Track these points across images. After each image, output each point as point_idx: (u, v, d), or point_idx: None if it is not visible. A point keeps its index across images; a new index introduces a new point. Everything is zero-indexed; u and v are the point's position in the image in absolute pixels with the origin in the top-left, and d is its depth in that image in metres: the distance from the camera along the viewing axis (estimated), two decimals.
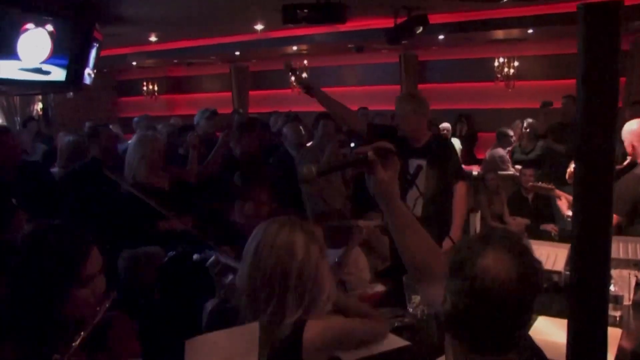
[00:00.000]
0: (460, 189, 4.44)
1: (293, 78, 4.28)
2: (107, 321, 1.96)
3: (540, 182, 5.17)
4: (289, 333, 1.91)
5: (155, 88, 15.05)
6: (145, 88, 15.02)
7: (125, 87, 16.09)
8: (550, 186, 4.74)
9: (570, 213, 4.32)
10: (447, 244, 3.96)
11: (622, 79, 9.36)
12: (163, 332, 3.08)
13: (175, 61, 13.91)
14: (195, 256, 2.86)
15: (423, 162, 4.23)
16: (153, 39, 10.63)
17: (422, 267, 1.77)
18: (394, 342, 2.71)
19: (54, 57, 6.22)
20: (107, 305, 1.93)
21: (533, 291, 1.43)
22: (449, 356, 1.54)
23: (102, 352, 1.94)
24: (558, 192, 4.56)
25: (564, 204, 4.49)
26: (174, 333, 2.83)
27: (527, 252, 1.45)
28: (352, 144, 6.44)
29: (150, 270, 3.74)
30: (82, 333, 1.84)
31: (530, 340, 1.64)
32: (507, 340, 1.44)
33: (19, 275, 1.90)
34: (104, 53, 8.06)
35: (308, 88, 4.31)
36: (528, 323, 1.48)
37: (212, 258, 2.69)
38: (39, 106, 13.27)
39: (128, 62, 13.30)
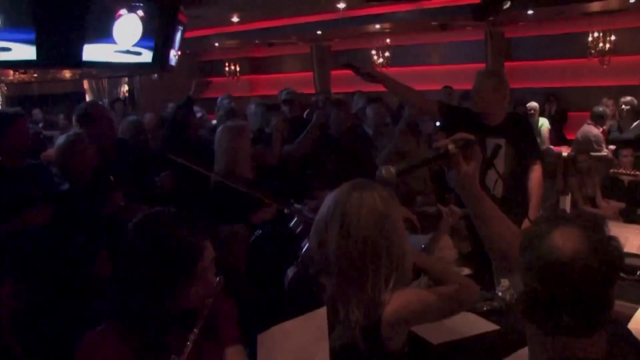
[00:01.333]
0: (536, 170, 4.34)
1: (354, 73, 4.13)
2: (214, 309, 1.92)
3: (622, 169, 5.03)
4: (370, 306, 1.90)
5: (237, 69, 15.30)
6: (227, 69, 15.29)
7: (207, 68, 16.41)
8: (634, 172, 4.57)
9: None
10: (526, 225, 3.88)
11: None
12: (253, 311, 3.17)
13: (257, 41, 14.07)
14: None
15: (502, 141, 4.13)
16: (235, 19, 10.80)
17: (508, 255, 1.73)
18: (482, 325, 2.70)
19: (143, 39, 6.46)
20: (216, 295, 1.91)
21: (608, 266, 1.35)
22: (530, 342, 1.52)
23: (210, 341, 1.93)
24: None
25: None
26: (264, 311, 2.94)
27: (599, 229, 1.39)
28: (437, 123, 6.36)
29: (238, 249, 3.84)
30: (195, 330, 1.83)
31: (622, 328, 1.57)
32: (584, 321, 1.38)
33: (131, 266, 1.84)
34: (187, 35, 8.27)
35: (372, 78, 4.25)
36: (607, 303, 1.39)
37: (295, 219, 2.73)
38: (125, 88, 13.78)
39: (210, 43, 13.57)
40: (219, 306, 1.95)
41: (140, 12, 6.26)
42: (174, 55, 7.66)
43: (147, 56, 6.69)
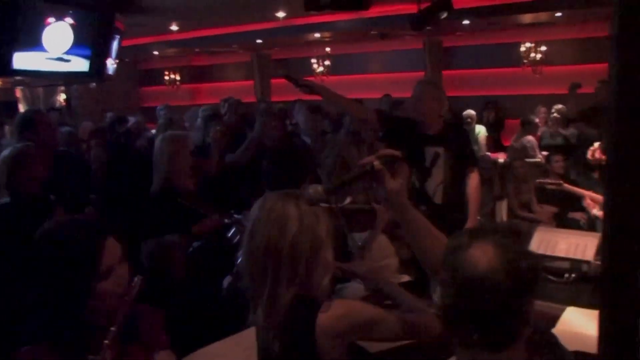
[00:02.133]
0: (474, 177, 4.41)
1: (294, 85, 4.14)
2: (136, 313, 1.94)
3: (547, 179, 5.24)
4: (303, 314, 1.84)
5: (177, 77, 15.13)
6: (167, 77, 15.09)
7: (147, 77, 16.20)
8: (557, 181, 4.76)
9: (598, 213, 4.31)
10: None
11: None
12: (189, 321, 3.11)
13: (197, 50, 13.95)
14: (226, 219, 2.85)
15: (440, 150, 4.25)
16: (174, 28, 10.70)
17: (439, 268, 1.74)
18: None
19: (76, 47, 6.30)
20: (134, 293, 1.90)
21: (520, 283, 1.37)
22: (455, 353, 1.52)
23: (134, 345, 1.93)
24: (567, 186, 4.55)
25: (591, 204, 4.48)
26: (201, 320, 2.88)
27: (515, 245, 1.41)
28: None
29: (174, 260, 3.76)
30: (112, 328, 1.81)
31: (546, 336, 1.59)
32: (497, 336, 1.40)
33: (39, 275, 1.87)
34: (126, 43, 8.12)
35: (311, 89, 4.25)
36: (522, 318, 1.41)
37: (233, 229, 2.69)
38: (62, 97, 13.44)
39: (150, 52, 13.37)
40: (145, 311, 1.99)
41: (70, 20, 6.10)
42: (111, 64, 7.50)
43: (82, 64, 6.53)
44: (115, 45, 7.36)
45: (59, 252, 1.83)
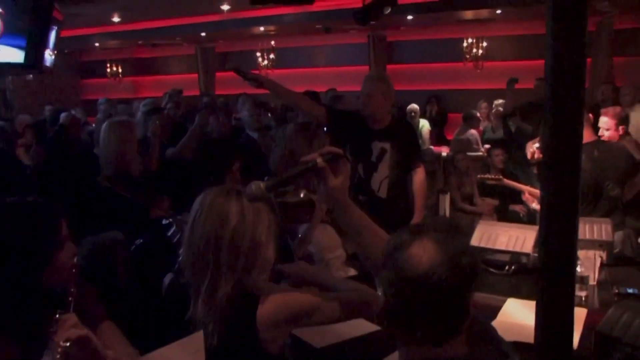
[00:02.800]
0: (420, 173, 4.45)
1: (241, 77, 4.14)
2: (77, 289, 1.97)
3: (487, 174, 5.36)
4: (242, 307, 1.85)
5: (120, 70, 14.82)
6: (109, 70, 14.77)
7: (88, 69, 15.81)
8: (497, 177, 4.87)
9: (537, 206, 4.43)
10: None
11: (588, 60, 9.47)
12: (131, 320, 3.04)
13: (140, 42, 13.71)
14: (163, 220, 2.81)
15: (387, 145, 4.31)
16: (116, 19, 10.47)
17: (380, 265, 1.76)
18: (365, 327, 2.70)
19: (8, 37, 6.07)
20: (77, 273, 1.96)
21: (461, 278, 1.40)
22: (398, 349, 1.53)
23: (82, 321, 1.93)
24: (506, 181, 4.66)
25: (530, 199, 4.58)
26: (142, 319, 2.82)
27: (456, 239, 1.43)
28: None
29: (113, 258, 3.68)
30: (72, 290, 1.88)
31: (485, 327, 1.61)
32: (440, 331, 1.42)
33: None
34: (65, 34, 7.91)
35: (258, 83, 4.24)
36: (463, 312, 1.44)
37: (173, 228, 2.65)
38: None
39: (91, 43, 13.06)
40: (81, 288, 2.00)
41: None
42: (49, 55, 7.28)
43: (17, 55, 6.30)
44: (53, 35, 7.15)
45: (20, 224, 1.91)
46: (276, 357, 1.88)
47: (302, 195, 2.98)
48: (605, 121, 4.70)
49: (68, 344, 1.71)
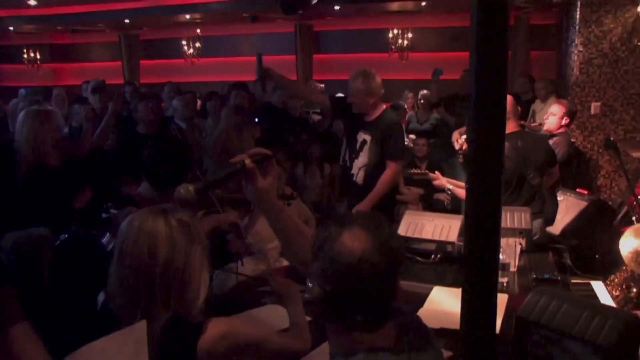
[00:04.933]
0: (390, 169, 4.68)
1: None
2: None
3: (414, 170, 5.58)
4: (181, 337, 1.82)
5: (38, 56, 14.24)
6: (25, 56, 14.17)
7: (3, 54, 15.12)
8: (424, 172, 5.09)
9: (449, 186, 4.54)
10: None
11: (553, 53, 9.75)
12: (55, 322, 2.95)
13: (59, 28, 13.22)
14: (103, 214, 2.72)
15: (368, 137, 4.71)
16: (32, 2, 10.06)
17: (306, 262, 1.76)
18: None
19: None
20: None
21: (392, 261, 1.46)
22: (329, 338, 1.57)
23: None
24: (432, 175, 4.83)
25: (442, 180, 4.70)
26: (68, 321, 2.73)
27: (382, 226, 1.48)
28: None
29: (39, 255, 3.55)
30: None
31: (412, 316, 1.66)
32: (375, 315, 1.47)
33: None
34: None
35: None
36: (393, 294, 1.50)
37: (107, 235, 2.58)
38: None
39: (4, 27, 12.50)
40: None
41: None
42: None
43: None
44: None
45: None
46: None
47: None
48: (557, 107, 4.98)
49: None
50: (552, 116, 5.15)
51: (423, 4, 9.84)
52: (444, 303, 2.68)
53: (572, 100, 7.12)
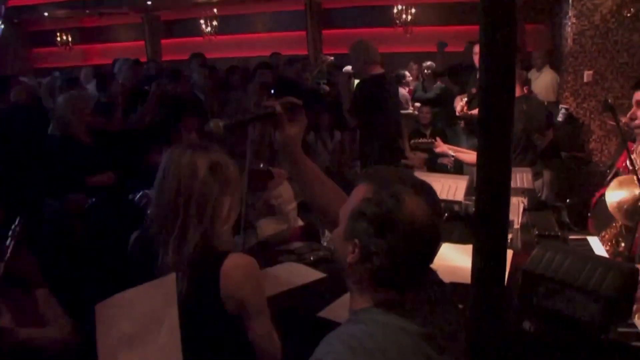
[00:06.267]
0: None
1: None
2: (14, 258, 1.96)
3: (421, 139, 5.49)
4: (208, 260, 1.80)
5: (69, 39, 14.20)
6: (59, 39, 14.14)
7: (39, 38, 15.08)
8: (430, 140, 4.97)
9: (452, 153, 4.46)
10: None
11: (543, 26, 9.60)
12: (90, 278, 2.97)
13: (88, 12, 13.15)
14: (130, 196, 2.72)
15: None
16: None
17: (328, 212, 1.71)
18: (311, 274, 2.69)
19: None
20: (15, 239, 1.92)
21: (441, 222, 1.41)
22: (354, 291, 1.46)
23: (14, 286, 1.95)
24: (438, 142, 4.66)
25: (444, 147, 4.58)
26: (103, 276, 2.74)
27: (431, 189, 1.42)
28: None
29: (75, 216, 3.59)
30: None
31: (434, 275, 1.60)
32: (426, 274, 1.43)
33: None
34: (13, 3, 7.49)
35: None
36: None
37: (140, 192, 2.57)
38: None
39: (40, 13, 12.46)
40: (20, 257, 1.99)
41: None
42: None
43: None
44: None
45: None
46: (232, 317, 1.81)
47: (261, 165, 2.95)
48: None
49: None
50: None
51: None
52: (452, 259, 2.64)
53: (566, 69, 7.02)
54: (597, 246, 2.93)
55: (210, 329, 1.79)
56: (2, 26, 7.09)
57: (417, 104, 7.95)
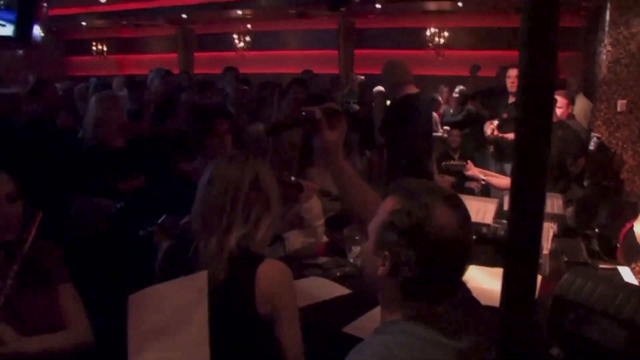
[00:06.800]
0: None
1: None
2: (37, 248, 1.98)
3: (452, 161, 5.45)
4: (246, 261, 1.81)
5: (104, 48, 14.50)
6: (94, 48, 14.45)
7: (75, 47, 15.43)
8: (461, 163, 4.93)
9: (482, 177, 4.42)
10: None
11: (575, 53, 9.61)
12: (111, 280, 2.98)
13: (124, 22, 13.42)
14: (140, 232, 2.71)
15: None
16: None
17: (366, 219, 1.72)
18: (337, 290, 2.69)
19: (4, 11, 5.90)
20: (33, 230, 1.93)
21: (471, 233, 1.45)
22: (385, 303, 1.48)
23: (36, 278, 1.96)
24: (470, 167, 4.62)
25: (475, 171, 4.53)
26: (124, 281, 2.75)
27: (463, 205, 1.43)
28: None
29: (99, 220, 3.62)
30: (14, 267, 1.84)
31: (466, 291, 1.60)
32: (457, 286, 1.44)
33: None
34: (53, 13, 7.69)
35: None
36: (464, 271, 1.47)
37: (164, 216, 2.57)
38: None
39: (78, 22, 12.75)
40: (45, 246, 2.04)
41: None
42: (38, 30, 7.04)
43: (7, 30, 6.11)
44: (42, 11, 6.93)
45: None
46: (263, 320, 1.81)
47: (292, 179, 2.97)
48: (559, 100, 4.83)
49: None
50: (558, 109, 4.95)
51: (459, 4, 9.71)
52: (480, 281, 2.62)
53: (599, 97, 6.96)
54: (629, 276, 2.88)
55: (240, 329, 1.79)
56: (41, 33, 7.24)
57: (447, 127, 7.93)
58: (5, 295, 1.78)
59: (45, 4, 7.04)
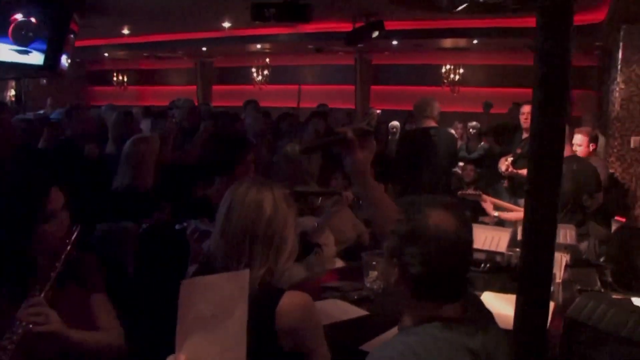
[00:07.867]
0: None
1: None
2: (77, 257, 2.05)
3: (468, 190, 5.49)
4: (267, 296, 1.83)
5: (125, 79, 14.79)
6: (115, 79, 14.74)
7: (96, 77, 15.75)
8: (477, 192, 4.98)
9: (495, 213, 4.50)
10: None
11: (593, 92, 9.72)
12: (138, 306, 3.02)
13: (145, 54, 13.69)
14: (177, 226, 2.79)
15: None
16: (125, 31, 10.45)
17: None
18: (353, 311, 2.75)
19: (35, 41, 6.15)
20: (74, 237, 2.00)
21: (471, 233, 1.53)
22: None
23: (73, 283, 2.03)
24: (484, 196, 4.70)
25: (489, 206, 4.64)
26: (150, 305, 2.81)
27: (460, 208, 1.54)
28: None
29: (125, 244, 3.68)
30: (57, 264, 1.92)
31: (475, 296, 1.71)
32: (461, 285, 1.53)
33: None
34: (77, 44, 7.90)
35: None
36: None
37: (192, 226, 2.65)
38: (11, 93, 12.89)
39: (101, 53, 13.02)
40: (83, 257, 2.12)
41: (33, 18, 5.96)
42: (65, 60, 7.27)
43: (37, 58, 6.34)
44: (70, 43, 7.17)
45: (5, 195, 1.97)
46: (287, 354, 1.83)
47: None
48: (579, 138, 4.87)
49: (30, 325, 1.77)
50: (578, 147, 4.96)
51: (475, 42, 9.85)
52: (494, 307, 2.66)
53: (613, 134, 7.02)
54: None
55: None
56: (69, 62, 7.47)
57: (461, 163, 8.00)
58: (46, 291, 1.87)
59: (72, 35, 7.27)
